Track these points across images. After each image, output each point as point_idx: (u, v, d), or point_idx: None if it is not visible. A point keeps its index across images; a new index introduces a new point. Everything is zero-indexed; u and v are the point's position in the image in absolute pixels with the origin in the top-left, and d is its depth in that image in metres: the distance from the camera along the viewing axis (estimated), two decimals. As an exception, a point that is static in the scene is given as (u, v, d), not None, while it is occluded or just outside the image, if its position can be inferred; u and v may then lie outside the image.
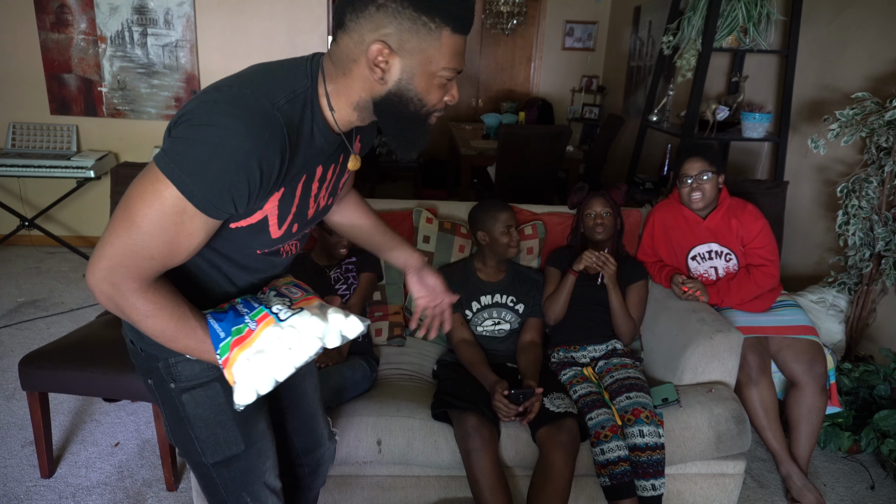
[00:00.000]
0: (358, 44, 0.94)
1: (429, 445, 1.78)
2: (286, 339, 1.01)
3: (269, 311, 1.04)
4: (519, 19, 6.22)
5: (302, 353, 1.02)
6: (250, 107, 0.91)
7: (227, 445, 1.16)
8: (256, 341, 1.00)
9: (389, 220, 2.39)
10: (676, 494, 1.96)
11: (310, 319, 1.03)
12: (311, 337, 1.02)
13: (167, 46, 3.93)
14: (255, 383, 1.00)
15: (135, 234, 0.92)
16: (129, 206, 0.92)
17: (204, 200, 0.91)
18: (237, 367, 1.00)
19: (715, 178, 2.21)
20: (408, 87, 0.97)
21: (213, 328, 1.03)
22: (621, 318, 2.15)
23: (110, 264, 0.92)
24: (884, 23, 2.65)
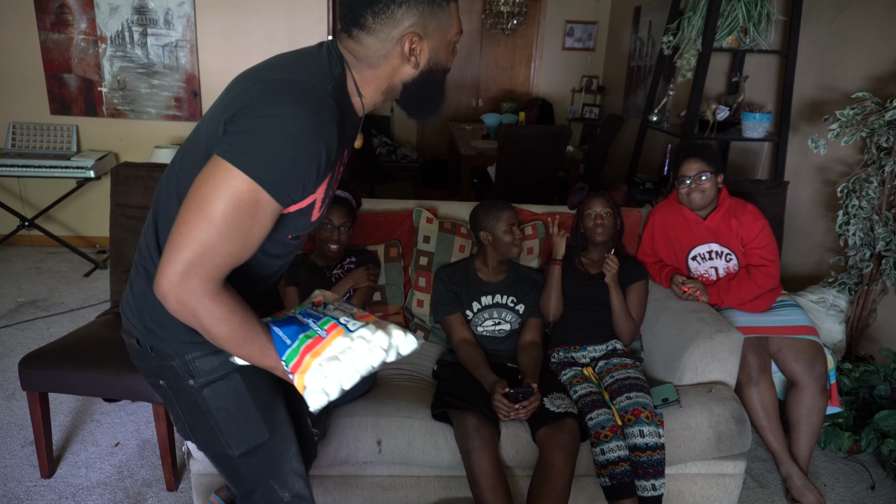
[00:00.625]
0: (386, 41, 1.02)
1: (429, 445, 1.78)
2: (356, 348, 1.05)
3: (337, 322, 1.08)
4: (519, 19, 6.23)
5: (367, 362, 1.06)
6: (306, 92, 0.95)
7: (253, 435, 1.16)
8: (328, 349, 1.04)
9: (389, 220, 2.39)
10: (676, 494, 1.96)
11: (377, 333, 1.08)
12: (377, 349, 1.07)
13: (167, 46, 3.93)
14: (327, 388, 1.03)
15: (212, 232, 0.91)
16: (202, 204, 0.91)
17: (279, 189, 0.93)
18: (311, 372, 1.02)
19: (714, 178, 2.21)
20: (436, 62, 1.08)
21: (277, 335, 1.05)
22: (622, 318, 2.15)
23: (187, 267, 0.91)
24: (884, 23, 2.65)
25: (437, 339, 2.32)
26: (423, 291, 2.32)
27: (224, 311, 0.96)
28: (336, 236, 2.09)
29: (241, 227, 0.93)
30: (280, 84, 0.96)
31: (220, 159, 0.92)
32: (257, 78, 0.99)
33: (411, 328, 2.35)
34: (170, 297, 0.93)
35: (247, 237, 0.95)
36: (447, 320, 2.13)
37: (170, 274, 0.91)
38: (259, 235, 0.97)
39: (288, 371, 1.03)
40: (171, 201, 1.05)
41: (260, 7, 3.94)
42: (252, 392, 1.14)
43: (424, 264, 2.33)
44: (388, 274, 2.31)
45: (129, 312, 1.13)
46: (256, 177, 0.91)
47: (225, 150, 0.92)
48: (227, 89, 1.04)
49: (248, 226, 0.94)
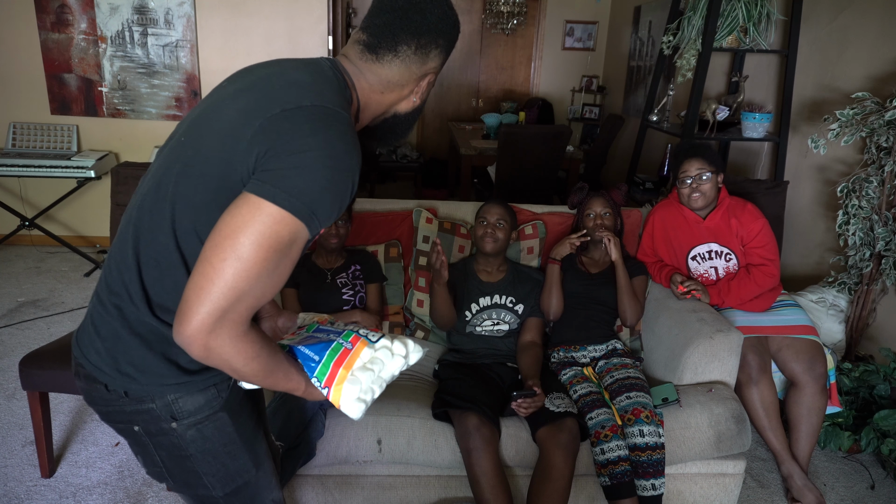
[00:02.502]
0: (412, 73, 1.05)
1: (429, 445, 1.78)
2: (382, 357, 1.08)
3: (358, 334, 1.10)
4: (519, 19, 6.23)
5: (391, 370, 1.09)
6: (338, 120, 0.93)
7: (239, 474, 1.11)
8: (358, 359, 1.06)
9: (389, 220, 2.39)
10: (676, 494, 1.96)
11: (396, 343, 1.11)
12: (399, 357, 1.10)
13: (167, 46, 3.93)
14: (363, 395, 1.04)
15: (251, 278, 0.85)
16: (237, 248, 0.84)
17: (318, 223, 0.91)
18: (347, 383, 1.03)
19: (714, 177, 2.21)
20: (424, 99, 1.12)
21: (303, 353, 1.05)
22: (627, 297, 2.15)
23: (220, 315, 0.84)
24: (884, 23, 2.65)
25: (437, 339, 2.33)
26: (423, 291, 2.32)
27: (255, 349, 0.91)
28: (334, 230, 2.09)
29: (278, 267, 0.89)
30: (313, 113, 0.92)
31: (256, 198, 0.86)
32: (285, 103, 0.92)
33: (411, 328, 2.35)
34: (196, 344, 0.86)
35: (281, 276, 0.91)
36: None
37: (198, 322, 0.84)
38: (290, 270, 0.93)
39: (322, 386, 1.02)
40: (162, 231, 0.96)
41: (260, 7, 3.94)
42: (239, 430, 1.08)
43: (424, 264, 2.33)
44: (387, 274, 2.31)
45: (94, 357, 1.02)
46: (298, 213, 0.87)
47: (262, 189, 0.86)
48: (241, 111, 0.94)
49: (283, 265, 0.90)
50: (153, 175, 1.01)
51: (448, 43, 1.07)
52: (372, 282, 2.21)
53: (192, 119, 1.02)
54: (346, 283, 2.16)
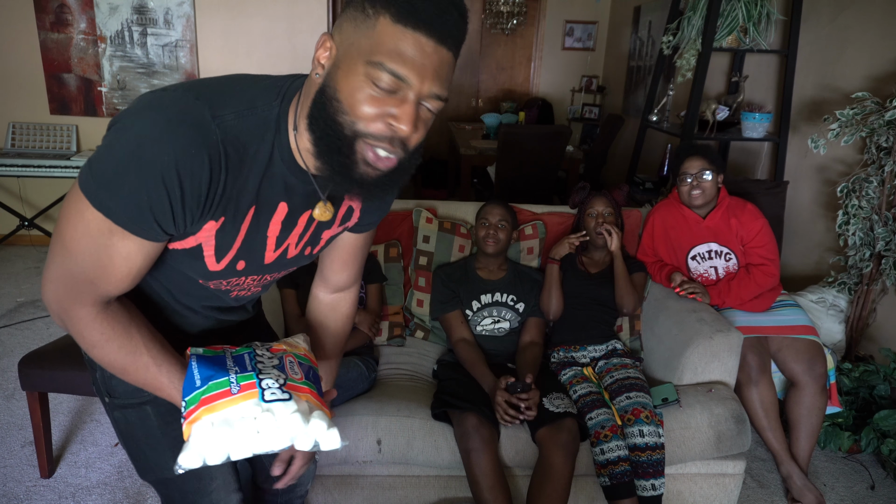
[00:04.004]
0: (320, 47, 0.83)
1: (429, 445, 1.78)
2: (260, 421, 0.89)
3: (257, 383, 0.92)
4: (519, 19, 6.23)
5: (267, 443, 0.89)
6: (181, 112, 0.79)
7: (159, 468, 1.10)
8: (229, 409, 0.89)
9: (389, 220, 2.39)
10: (676, 494, 1.96)
11: (291, 415, 0.90)
12: (284, 433, 0.90)
13: (167, 46, 3.93)
14: (207, 451, 0.87)
15: (68, 258, 0.85)
16: (58, 227, 0.85)
17: (124, 217, 0.80)
18: (197, 427, 0.88)
19: (715, 176, 2.22)
20: (330, 81, 0.81)
21: (191, 371, 0.93)
22: (625, 287, 2.15)
23: (54, 287, 0.87)
24: (884, 23, 2.65)
25: (437, 339, 2.32)
26: (423, 291, 2.32)
27: (97, 338, 0.90)
28: None
29: (99, 256, 0.83)
30: (159, 99, 0.80)
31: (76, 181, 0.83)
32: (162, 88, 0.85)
33: (411, 328, 2.35)
34: (51, 307, 0.89)
35: (108, 267, 0.85)
36: (445, 318, 2.13)
37: (43, 290, 0.88)
38: (126, 267, 0.86)
39: (182, 415, 0.91)
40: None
41: (260, 7, 3.94)
42: (163, 427, 1.06)
43: (424, 264, 2.33)
44: (388, 274, 2.31)
45: None
46: (99, 203, 0.79)
47: (83, 167, 0.82)
48: None
49: (106, 255, 0.83)
50: None
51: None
52: (372, 282, 2.21)
53: None
54: None
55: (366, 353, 2.09)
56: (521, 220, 2.39)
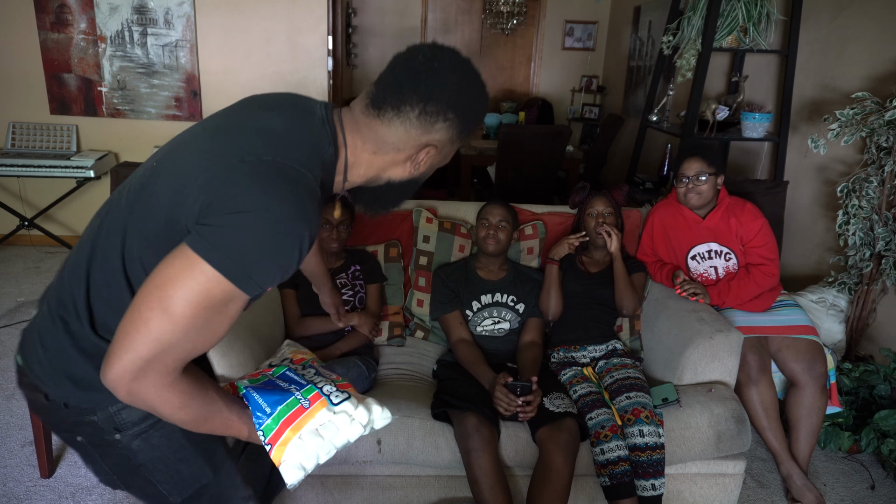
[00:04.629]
0: (409, 138, 0.98)
1: (429, 445, 1.78)
2: (337, 422, 1.02)
3: (321, 392, 1.04)
4: (519, 19, 6.23)
5: (346, 437, 1.03)
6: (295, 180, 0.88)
7: (195, 478, 1.08)
8: (310, 422, 1.00)
9: (389, 220, 2.39)
10: (676, 494, 1.96)
11: (359, 408, 1.05)
12: (357, 424, 1.04)
13: (167, 46, 3.93)
14: (305, 463, 0.99)
15: (177, 332, 0.83)
16: (165, 301, 0.83)
17: (256, 285, 0.86)
18: (291, 447, 0.98)
19: (713, 179, 2.21)
20: (426, 173, 1.06)
21: (255, 401, 1.00)
22: (624, 288, 2.15)
23: (144, 364, 0.83)
24: (884, 23, 2.65)
25: (437, 339, 2.32)
26: (423, 291, 2.32)
27: (183, 399, 0.89)
28: (335, 235, 2.09)
29: (209, 324, 0.86)
30: (268, 169, 0.87)
31: (192, 253, 0.83)
32: (245, 154, 0.88)
33: (411, 328, 2.35)
34: (120, 390, 0.85)
35: (214, 333, 0.88)
36: (445, 318, 2.13)
37: (122, 370, 0.83)
38: (227, 328, 0.90)
39: (265, 442, 0.98)
40: (114, 253, 0.95)
41: (260, 7, 3.94)
42: (189, 435, 1.03)
43: (424, 264, 2.33)
44: (388, 274, 2.31)
45: (37, 367, 1.00)
46: (232, 276, 0.83)
47: (199, 243, 0.83)
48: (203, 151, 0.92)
49: (217, 322, 0.87)
50: (124, 192, 0.99)
51: (461, 119, 0.99)
52: (372, 282, 2.21)
53: (171, 145, 1.01)
54: (345, 283, 2.15)
55: (366, 353, 2.09)
56: (521, 220, 2.39)
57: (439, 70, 0.95)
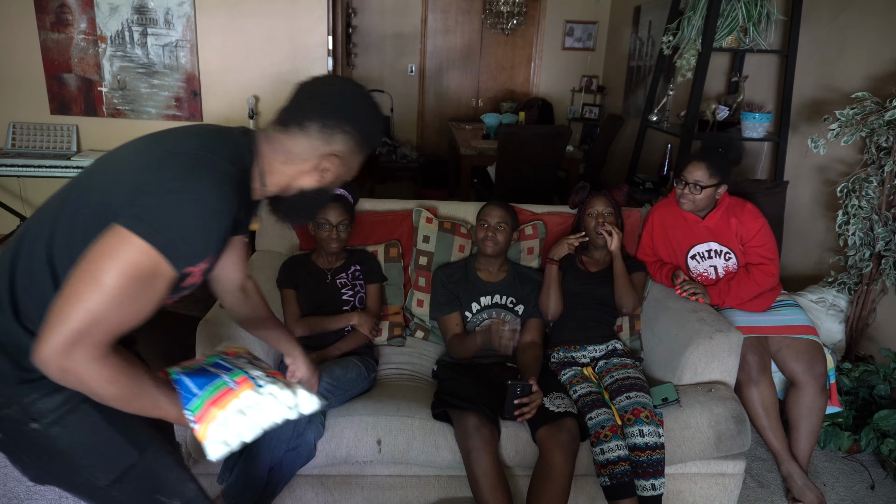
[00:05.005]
0: (313, 148, 1.12)
1: (429, 445, 1.78)
2: (263, 404, 1.08)
3: (248, 376, 1.11)
4: (519, 19, 6.23)
5: (271, 418, 1.10)
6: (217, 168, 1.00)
7: (119, 459, 1.10)
8: (234, 401, 1.06)
9: (389, 220, 2.39)
10: (676, 494, 1.96)
11: (285, 391, 1.12)
12: (283, 407, 1.11)
13: (167, 46, 3.93)
14: (228, 439, 1.05)
15: (105, 302, 0.90)
16: (96, 274, 0.90)
17: (183, 260, 0.96)
18: (216, 423, 1.04)
19: (711, 190, 2.18)
20: (332, 184, 1.19)
21: (185, 384, 1.06)
22: (624, 288, 2.15)
23: (75, 337, 0.89)
24: (884, 23, 2.65)
25: (437, 339, 2.33)
26: (423, 291, 2.32)
27: (112, 373, 0.94)
28: (335, 235, 2.09)
29: (138, 297, 0.94)
30: (192, 157, 1.00)
31: (122, 229, 0.92)
32: (172, 148, 1.02)
33: (411, 328, 2.35)
34: (52, 365, 0.90)
35: (142, 306, 0.96)
36: (443, 320, 2.14)
37: (55, 343, 0.88)
38: (155, 303, 0.97)
39: (192, 421, 1.04)
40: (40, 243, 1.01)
41: (260, 7, 3.94)
42: (108, 417, 1.07)
43: (424, 264, 2.33)
44: (388, 274, 2.31)
45: None
46: (161, 248, 0.93)
47: (130, 221, 0.92)
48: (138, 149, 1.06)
49: (144, 295, 0.95)
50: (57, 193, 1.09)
51: (359, 132, 1.13)
52: (372, 282, 2.21)
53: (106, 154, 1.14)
54: (345, 283, 2.16)
55: (365, 353, 2.09)
56: (521, 220, 2.39)
57: (335, 91, 1.14)
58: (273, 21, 3.97)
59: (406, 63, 6.72)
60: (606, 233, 2.16)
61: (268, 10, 3.95)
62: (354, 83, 1.18)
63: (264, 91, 4.04)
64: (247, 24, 3.95)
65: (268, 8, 3.94)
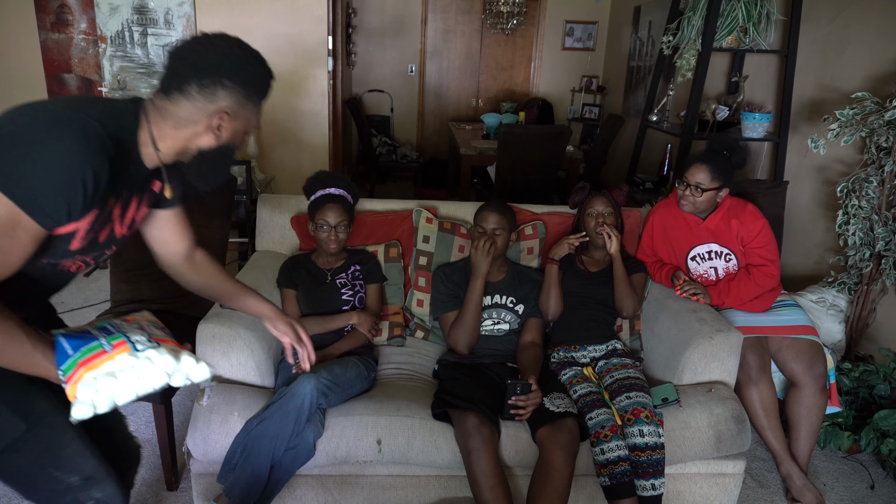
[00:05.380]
0: (199, 110, 1.12)
1: (429, 445, 1.78)
2: (138, 368, 1.09)
3: (127, 339, 1.12)
4: (519, 19, 6.23)
5: (148, 384, 1.10)
6: (82, 125, 1.00)
7: (5, 430, 1.12)
8: (107, 363, 1.07)
9: (389, 220, 2.39)
10: (676, 494, 1.96)
11: (164, 356, 1.12)
12: (161, 372, 1.11)
13: (167, 46, 3.93)
14: (96, 401, 1.06)
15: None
16: None
17: (41, 213, 0.97)
18: (82, 384, 1.05)
19: (712, 193, 2.18)
20: (232, 141, 1.19)
21: (61, 345, 1.07)
22: (624, 290, 2.14)
23: None
24: (884, 23, 2.65)
25: (437, 339, 2.33)
26: (423, 291, 2.33)
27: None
28: (333, 235, 2.09)
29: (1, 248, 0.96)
30: (56, 113, 1.00)
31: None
32: (40, 106, 1.02)
33: (411, 327, 2.35)
34: None
35: (7, 257, 0.98)
36: (444, 318, 2.14)
37: None
38: (18, 256, 1.00)
39: (63, 381, 1.05)
40: None
41: (260, 7, 3.94)
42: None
43: (424, 264, 2.33)
44: (388, 274, 2.31)
45: None
46: (17, 200, 0.95)
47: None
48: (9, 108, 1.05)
49: (7, 247, 0.97)
50: None
51: (241, 85, 1.13)
52: (372, 282, 2.21)
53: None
54: (345, 283, 2.16)
55: (365, 353, 2.09)
56: (521, 220, 2.39)
57: (205, 50, 1.12)
58: (273, 21, 3.97)
59: (406, 63, 6.72)
60: (606, 235, 2.15)
61: (268, 10, 3.95)
62: (224, 36, 1.15)
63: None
64: (247, 24, 3.96)
65: (268, 8, 3.95)
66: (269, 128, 4.13)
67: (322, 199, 2.12)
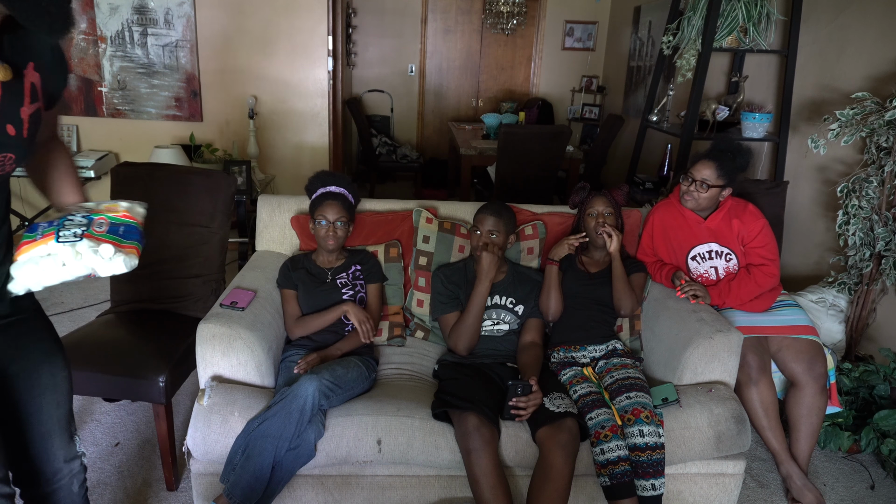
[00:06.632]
0: None
1: (429, 445, 1.78)
2: (61, 255, 1.20)
3: (55, 231, 1.22)
4: (519, 19, 6.24)
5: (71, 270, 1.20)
6: None
7: None
8: (32, 251, 1.21)
9: (389, 220, 2.39)
10: (676, 494, 1.96)
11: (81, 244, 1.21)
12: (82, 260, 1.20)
13: (167, 46, 3.93)
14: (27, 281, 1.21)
15: None
16: None
17: None
18: (14, 265, 1.21)
19: (716, 191, 2.19)
20: None
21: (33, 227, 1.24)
22: (623, 290, 2.14)
23: None
24: (884, 23, 2.65)
25: (437, 339, 2.33)
26: (423, 291, 2.32)
27: None
28: (332, 232, 2.09)
29: None
30: None
31: None
32: None
33: (411, 328, 2.35)
34: None
35: None
36: (444, 319, 2.13)
37: None
38: None
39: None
40: None
41: (260, 7, 3.94)
42: None
43: (424, 264, 2.33)
44: (388, 274, 2.31)
45: None
46: None
47: None
48: None
49: None
50: None
51: None
52: (372, 282, 2.21)
53: None
54: (346, 283, 2.16)
55: (366, 353, 2.09)
56: (521, 220, 2.39)
57: None
58: (273, 21, 3.97)
59: (406, 63, 6.72)
60: (606, 234, 2.16)
61: (268, 10, 3.95)
62: None
63: (264, 91, 4.04)
64: (247, 24, 3.96)
65: (268, 8, 3.95)
66: (270, 128, 4.14)
67: (322, 196, 2.13)
